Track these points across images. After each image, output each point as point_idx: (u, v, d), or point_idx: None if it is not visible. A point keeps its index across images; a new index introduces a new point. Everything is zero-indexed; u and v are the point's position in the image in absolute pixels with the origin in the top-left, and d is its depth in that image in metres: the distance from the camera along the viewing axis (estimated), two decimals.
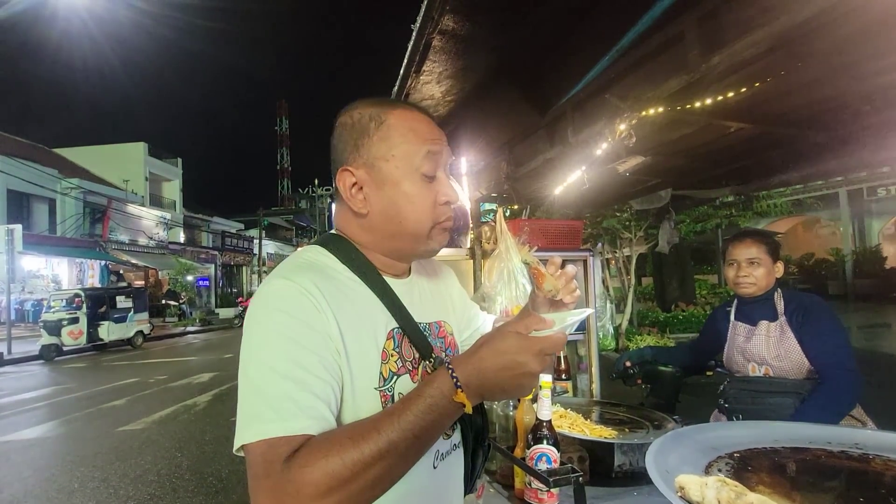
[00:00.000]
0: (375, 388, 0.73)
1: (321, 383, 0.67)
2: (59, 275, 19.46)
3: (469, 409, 0.65)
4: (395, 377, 0.76)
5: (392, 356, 0.77)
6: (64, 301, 12.80)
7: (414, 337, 0.80)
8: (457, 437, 0.86)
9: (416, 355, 0.81)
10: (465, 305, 1.03)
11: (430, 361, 0.81)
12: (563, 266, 0.87)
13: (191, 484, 3.97)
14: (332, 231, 0.87)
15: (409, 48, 1.90)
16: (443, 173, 0.81)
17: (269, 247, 31.50)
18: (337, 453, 0.59)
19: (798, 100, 1.98)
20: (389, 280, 0.82)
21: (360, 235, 0.82)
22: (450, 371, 0.64)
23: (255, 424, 0.63)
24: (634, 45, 1.62)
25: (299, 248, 0.89)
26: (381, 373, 0.75)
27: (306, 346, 0.67)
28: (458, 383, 0.63)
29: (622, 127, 1.85)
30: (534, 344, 0.64)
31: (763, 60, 1.45)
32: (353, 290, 0.77)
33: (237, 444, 0.64)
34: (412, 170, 0.77)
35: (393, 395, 0.75)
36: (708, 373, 2.17)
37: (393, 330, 0.78)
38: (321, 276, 0.74)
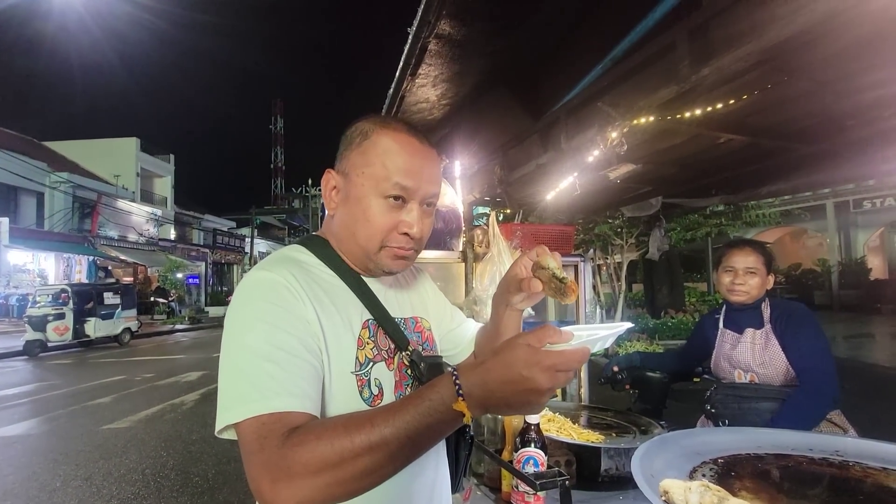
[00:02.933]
0: (352, 372, 0.76)
1: (302, 363, 0.70)
2: (45, 269, 19.16)
3: (468, 420, 0.62)
4: (371, 363, 0.79)
5: (368, 344, 0.80)
6: (50, 296, 12.56)
7: (389, 328, 0.83)
8: None
9: (392, 346, 0.84)
10: (438, 303, 1.03)
11: (406, 353, 0.84)
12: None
13: (176, 483, 3.92)
14: (314, 232, 0.91)
15: (406, 51, 1.90)
16: (416, 205, 0.80)
17: (261, 246, 31.28)
18: (328, 438, 0.60)
19: (785, 113, 2.02)
20: (364, 277, 0.86)
21: (331, 235, 0.87)
22: (454, 377, 0.61)
23: (238, 405, 0.66)
24: (627, 55, 1.65)
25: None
26: (356, 357, 0.77)
27: (286, 330, 0.70)
28: (461, 391, 0.60)
29: (614, 135, 1.87)
30: (544, 358, 0.58)
31: (751, 73, 1.48)
32: (328, 283, 0.81)
33: (220, 424, 0.67)
34: (377, 192, 0.78)
35: (369, 380, 0.78)
36: (695, 379, 2.19)
37: (368, 321, 0.82)
38: (299, 268, 0.78)
